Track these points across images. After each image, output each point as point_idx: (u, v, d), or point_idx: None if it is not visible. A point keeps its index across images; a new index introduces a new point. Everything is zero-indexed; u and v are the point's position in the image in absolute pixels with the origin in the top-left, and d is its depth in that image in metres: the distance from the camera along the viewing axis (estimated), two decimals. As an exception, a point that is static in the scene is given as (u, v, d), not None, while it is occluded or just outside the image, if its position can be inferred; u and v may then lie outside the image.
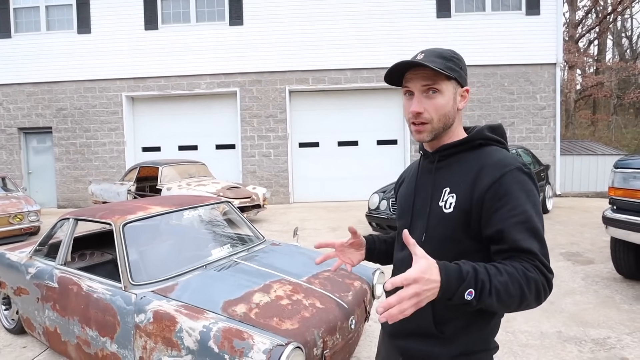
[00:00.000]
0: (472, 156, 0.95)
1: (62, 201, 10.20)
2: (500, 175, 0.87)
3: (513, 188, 0.86)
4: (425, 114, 0.94)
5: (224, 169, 9.78)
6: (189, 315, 1.81)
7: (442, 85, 0.93)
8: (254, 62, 9.57)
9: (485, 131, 0.98)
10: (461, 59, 0.97)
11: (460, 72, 0.96)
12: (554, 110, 9.37)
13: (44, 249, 2.88)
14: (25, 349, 2.82)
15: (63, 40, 9.89)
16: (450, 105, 0.95)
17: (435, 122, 0.95)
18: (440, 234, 0.93)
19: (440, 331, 0.92)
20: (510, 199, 0.85)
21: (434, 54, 0.94)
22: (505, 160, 0.90)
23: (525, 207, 0.85)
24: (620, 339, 2.69)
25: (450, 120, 0.96)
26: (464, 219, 0.89)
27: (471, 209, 0.88)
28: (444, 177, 0.96)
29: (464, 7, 9.37)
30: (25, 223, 6.17)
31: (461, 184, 0.91)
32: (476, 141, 0.96)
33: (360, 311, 2.24)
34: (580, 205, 8.30)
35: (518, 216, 0.84)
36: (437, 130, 0.96)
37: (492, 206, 0.86)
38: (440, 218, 0.93)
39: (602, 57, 20.20)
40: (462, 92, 0.98)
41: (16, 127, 10.19)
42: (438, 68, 0.90)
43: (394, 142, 9.90)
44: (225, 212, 3.25)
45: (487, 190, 0.87)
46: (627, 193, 3.39)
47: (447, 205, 0.92)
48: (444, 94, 0.94)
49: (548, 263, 0.83)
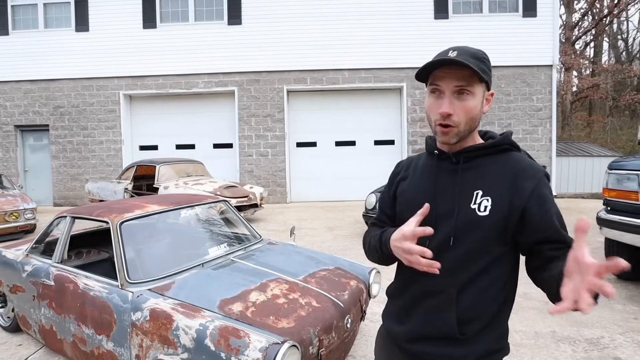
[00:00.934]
0: (500, 160, 0.94)
1: (59, 199, 10.16)
2: (540, 178, 0.91)
3: (547, 192, 0.91)
4: (455, 117, 0.91)
5: (221, 168, 9.78)
6: (186, 313, 1.82)
7: (475, 87, 0.91)
8: (252, 61, 9.57)
9: (510, 138, 0.98)
10: (490, 61, 0.95)
11: (489, 74, 0.94)
12: (550, 112, 9.43)
13: (41, 246, 2.87)
14: (21, 347, 2.81)
15: (61, 37, 9.85)
16: (479, 109, 0.93)
17: (463, 125, 0.92)
18: (472, 236, 0.90)
19: (462, 333, 0.91)
20: (549, 203, 0.90)
21: (468, 54, 0.90)
22: (534, 166, 0.93)
23: (557, 208, 0.91)
24: (614, 339, 2.72)
25: (476, 123, 0.95)
26: (502, 223, 0.89)
27: (511, 214, 0.89)
28: (474, 179, 0.93)
29: (461, 9, 9.41)
30: (22, 221, 6.15)
31: (496, 188, 0.90)
32: (503, 145, 0.96)
33: (356, 310, 2.26)
34: (575, 206, 8.36)
35: (559, 218, 0.90)
36: (462, 134, 0.93)
37: (538, 211, 0.88)
38: (473, 221, 0.90)
39: (598, 59, 20.33)
40: (488, 96, 0.97)
41: (13, 125, 10.14)
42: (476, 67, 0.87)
43: (391, 142, 9.93)
44: (222, 211, 3.26)
45: (530, 195, 0.89)
46: (621, 194, 3.42)
47: (481, 207, 0.90)
48: (475, 96, 0.91)
49: None
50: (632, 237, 3.25)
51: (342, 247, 5.29)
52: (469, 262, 0.91)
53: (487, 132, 1.03)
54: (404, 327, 1.00)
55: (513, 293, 0.97)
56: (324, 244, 5.51)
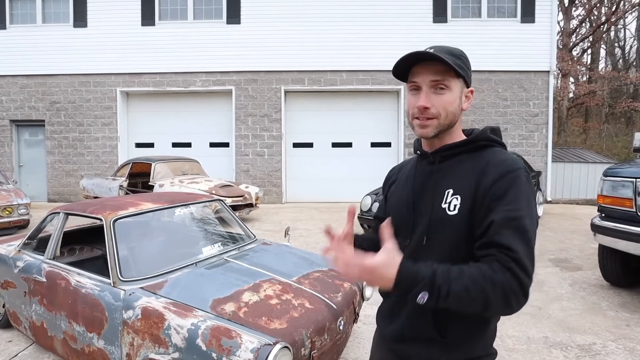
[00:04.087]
0: (475, 157, 0.93)
1: (53, 195, 10.09)
2: (504, 174, 0.86)
3: (515, 187, 0.84)
4: (433, 110, 0.92)
5: (217, 167, 9.75)
6: (178, 312, 1.81)
7: (451, 82, 0.91)
8: (250, 61, 9.56)
9: (488, 133, 0.96)
10: (468, 59, 0.95)
11: (467, 71, 0.94)
12: (546, 117, 9.49)
13: (33, 242, 2.85)
14: (11, 343, 2.79)
15: (59, 33, 9.79)
16: (457, 104, 0.94)
17: (442, 118, 0.92)
18: (443, 236, 0.90)
19: (442, 335, 0.90)
20: (507, 197, 0.84)
21: (444, 50, 0.92)
22: (509, 160, 0.89)
23: (520, 206, 0.83)
24: (606, 346, 2.73)
25: (455, 119, 0.95)
26: (468, 220, 0.87)
27: (473, 207, 0.87)
28: (446, 178, 0.93)
29: (460, 13, 9.46)
30: (15, 216, 6.09)
31: (465, 186, 0.89)
32: (479, 142, 0.94)
33: (349, 312, 2.26)
34: (570, 212, 8.41)
35: (510, 212, 0.82)
36: (442, 127, 0.93)
37: (490, 204, 0.84)
38: (444, 220, 0.90)
39: (595, 66, 20.49)
40: (467, 93, 0.97)
41: (8, 119, 10.06)
42: (451, 62, 0.88)
43: (388, 144, 9.95)
44: (217, 210, 3.25)
45: (490, 187, 0.85)
46: (615, 201, 3.44)
47: (451, 207, 0.89)
48: (452, 90, 0.92)
49: (529, 267, 0.79)
50: (625, 244, 3.26)
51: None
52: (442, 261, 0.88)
53: (473, 130, 1.02)
54: (392, 326, 1.01)
55: None
56: (318, 245, 5.51)
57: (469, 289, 0.77)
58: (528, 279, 0.79)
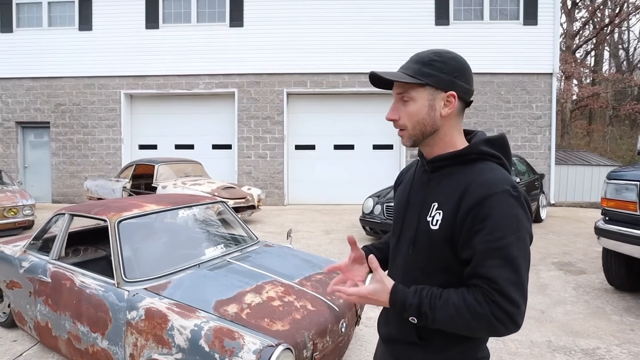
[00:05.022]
0: (463, 172, 0.90)
1: (57, 196, 10.15)
2: (484, 197, 0.82)
3: (495, 212, 0.81)
4: (400, 121, 0.94)
5: (219, 169, 9.78)
6: (181, 313, 1.82)
7: (412, 93, 0.91)
8: (253, 63, 9.60)
9: (480, 145, 0.91)
10: (446, 61, 0.90)
11: (439, 76, 0.89)
12: (549, 120, 9.46)
13: (38, 243, 2.87)
14: (16, 343, 2.81)
15: (64, 36, 9.88)
16: (425, 112, 0.91)
17: (410, 129, 0.93)
18: (427, 248, 0.91)
19: (424, 340, 0.93)
20: (489, 223, 0.81)
21: (413, 60, 0.94)
22: (492, 180, 0.85)
23: (504, 233, 0.81)
24: (610, 350, 2.72)
25: (429, 127, 0.92)
26: (450, 237, 0.87)
27: (454, 230, 0.86)
28: (434, 191, 0.93)
29: (462, 16, 9.46)
30: (20, 217, 6.14)
31: (448, 202, 0.88)
32: (470, 155, 0.91)
33: (351, 315, 2.26)
34: (573, 215, 8.37)
35: (493, 242, 0.80)
36: (415, 137, 0.94)
37: (471, 229, 0.83)
38: (427, 233, 0.91)
39: (598, 68, 20.41)
40: (445, 98, 0.90)
41: (14, 121, 10.14)
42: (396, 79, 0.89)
43: (390, 147, 9.95)
44: (220, 212, 3.26)
45: (468, 212, 0.83)
46: (619, 204, 3.42)
47: (434, 221, 0.89)
48: (416, 101, 0.91)
49: (515, 296, 0.78)
50: (629, 248, 3.25)
51: (338, 251, 5.29)
52: (428, 276, 0.92)
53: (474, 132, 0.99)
54: (385, 329, 1.05)
55: None
56: (320, 247, 5.51)
57: (453, 318, 0.82)
58: (515, 307, 0.79)
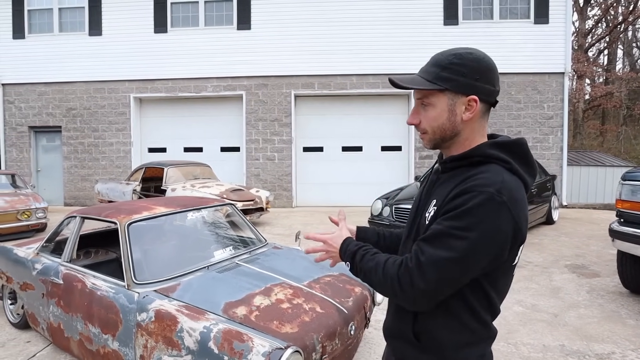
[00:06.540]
0: (467, 173, 0.90)
1: (69, 199, 10.31)
2: (465, 192, 0.83)
3: (467, 206, 0.81)
4: (421, 125, 0.96)
5: (228, 171, 9.83)
6: (190, 315, 1.82)
7: (431, 98, 0.92)
8: (261, 66, 9.65)
9: (486, 148, 0.90)
10: (466, 64, 0.88)
11: (458, 80, 0.88)
12: (561, 120, 9.32)
13: (51, 245, 2.91)
14: (29, 344, 2.85)
15: (74, 41, 10.05)
16: (445, 118, 0.91)
17: (431, 133, 0.95)
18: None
19: (418, 338, 0.94)
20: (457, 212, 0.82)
21: (431, 63, 0.93)
22: (481, 180, 0.83)
23: (461, 224, 0.81)
24: (625, 355, 2.65)
25: (449, 132, 0.92)
26: None
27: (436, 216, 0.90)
28: (437, 190, 0.96)
29: (471, 15, 9.38)
30: (33, 220, 6.25)
31: (442, 199, 0.91)
32: (474, 158, 0.91)
33: (360, 317, 2.24)
34: (586, 216, 8.22)
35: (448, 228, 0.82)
36: (435, 141, 0.96)
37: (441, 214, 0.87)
38: (420, 227, 0.95)
39: (612, 67, 20.07)
40: (467, 102, 0.89)
41: (27, 126, 10.35)
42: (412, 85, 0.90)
43: (399, 148, 9.90)
44: (229, 214, 3.27)
45: (448, 201, 0.86)
46: (635, 206, 3.35)
47: (429, 216, 0.93)
48: (435, 106, 0.92)
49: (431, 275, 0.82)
50: (645, 250, 3.18)
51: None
52: None
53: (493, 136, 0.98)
54: (386, 323, 1.08)
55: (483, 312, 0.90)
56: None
57: (371, 269, 0.93)
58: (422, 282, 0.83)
